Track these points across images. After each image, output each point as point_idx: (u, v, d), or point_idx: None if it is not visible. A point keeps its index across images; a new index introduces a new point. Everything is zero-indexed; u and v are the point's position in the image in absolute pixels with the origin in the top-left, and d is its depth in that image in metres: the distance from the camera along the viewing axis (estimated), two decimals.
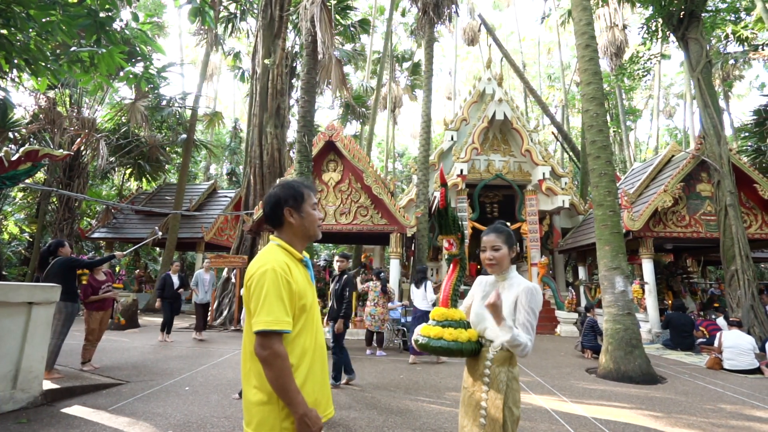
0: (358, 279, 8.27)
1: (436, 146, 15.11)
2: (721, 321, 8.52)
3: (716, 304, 10.70)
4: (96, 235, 15.50)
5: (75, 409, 3.77)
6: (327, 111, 30.76)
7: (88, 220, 18.33)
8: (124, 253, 5.87)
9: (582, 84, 7.22)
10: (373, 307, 7.28)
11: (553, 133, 19.58)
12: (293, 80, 15.91)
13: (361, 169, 10.37)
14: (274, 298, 1.31)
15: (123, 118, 14.85)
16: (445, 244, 1.95)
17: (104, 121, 15.54)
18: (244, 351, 1.44)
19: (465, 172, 11.96)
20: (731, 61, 21.77)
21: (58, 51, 3.96)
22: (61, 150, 10.36)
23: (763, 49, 19.73)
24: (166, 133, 17.22)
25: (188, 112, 16.14)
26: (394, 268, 10.37)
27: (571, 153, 17.11)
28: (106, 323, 5.51)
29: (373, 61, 25.74)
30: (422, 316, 6.41)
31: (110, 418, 3.56)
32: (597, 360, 6.63)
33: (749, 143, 13.87)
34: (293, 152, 22.50)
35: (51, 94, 12.31)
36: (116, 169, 17.65)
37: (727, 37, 16.59)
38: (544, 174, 12.07)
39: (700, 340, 8.38)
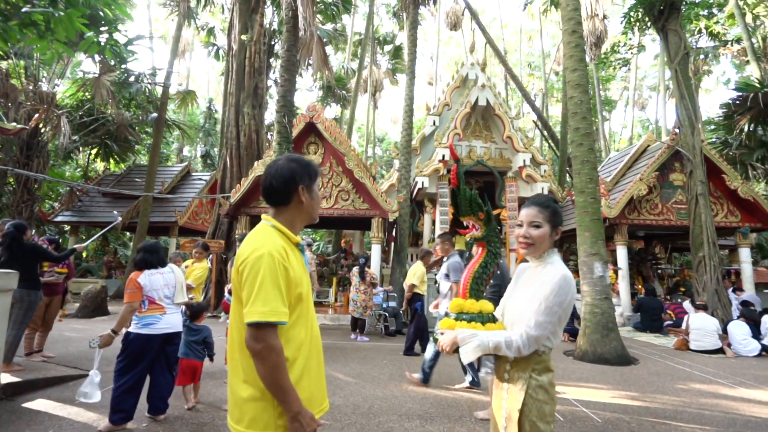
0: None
1: (418, 131, 14.97)
2: (687, 305, 8.92)
3: (682, 289, 11.21)
4: (60, 218, 14.65)
5: (38, 404, 3.52)
6: (306, 93, 29.90)
7: (51, 202, 17.29)
8: (85, 245, 5.49)
9: (567, 70, 7.21)
10: (356, 293, 7.20)
11: (534, 121, 19.77)
12: (271, 59, 15.30)
13: (342, 152, 10.13)
14: (270, 286, 1.18)
15: (87, 94, 13.89)
16: (467, 226, 1.74)
17: (65, 96, 14.52)
18: (231, 342, 1.31)
19: (447, 158, 11.91)
20: (701, 56, 22.48)
21: (7, 11, 3.53)
22: (14, 123, 9.60)
23: (731, 45, 20.43)
24: (135, 112, 16.28)
25: (159, 90, 15.28)
26: (376, 253, 10.29)
27: (550, 141, 17.35)
28: (54, 310, 5.19)
29: (354, 43, 25.10)
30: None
31: (78, 412, 3.34)
32: (574, 343, 6.81)
33: (714, 136, 14.42)
34: (271, 134, 21.86)
35: (3, 65, 11.33)
36: (80, 148, 16.60)
37: (700, 31, 17.04)
38: (524, 161, 12.16)
39: (668, 322, 8.76)
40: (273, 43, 14.87)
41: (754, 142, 11.83)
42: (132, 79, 13.87)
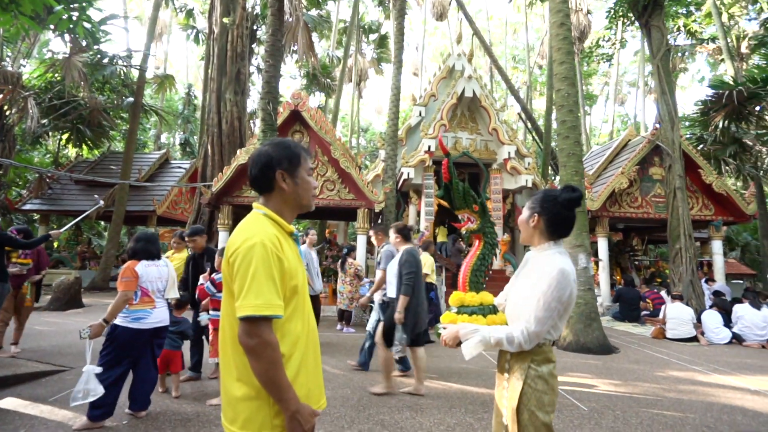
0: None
1: (403, 122, 14.86)
2: (663, 294, 9.24)
3: (658, 279, 11.60)
4: (28, 206, 13.96)
5: (8, 402, 3.32)
6: (289, 81, 29.24)
7: (18, 190, 16.45)
8: (61, 230, 5.20)
9: (555, 63, 7.22)
10: (342, 284, 7.14)
11: (518, 113, 19.92)
12: (254, 45, 14.84)
13: (328, 141, 9.94)
14: (263, 278, 1.11)
15: (57, 75, 13.16)
16: (462, 220, 1.73)
17: (32, 77, 13.71)
18: (223, 338, 1.23)
19: (433, 149, 11.88)
20: (678, 54, 23.07)
21: None
22: None
23: (707, 44, 20.99)
24: (110, 96, 15.54)
25: (135, 73, 14.61)
26: (361, 244, 10.22)
27: (534, 133, 17.53)
28: (20, 303, 4.93)
29: (339, 31, 24.62)
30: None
31: (51, 411, 3.17)
32: None
33: (690, 132, 14.87)
34: (254, 122, 21.34)
35: None
36: (50, 133, 15.77)
37: (678, 29, 17.43)
38: (509, 153, 12.24)
39: (644, 312, 9.06)
40: (255, 27, 14.40)
41: (727, 139, 12.22)
42: (106, 61, 13.19)
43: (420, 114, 13.35)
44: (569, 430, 3.16)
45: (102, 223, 19.75)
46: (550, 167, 15.26)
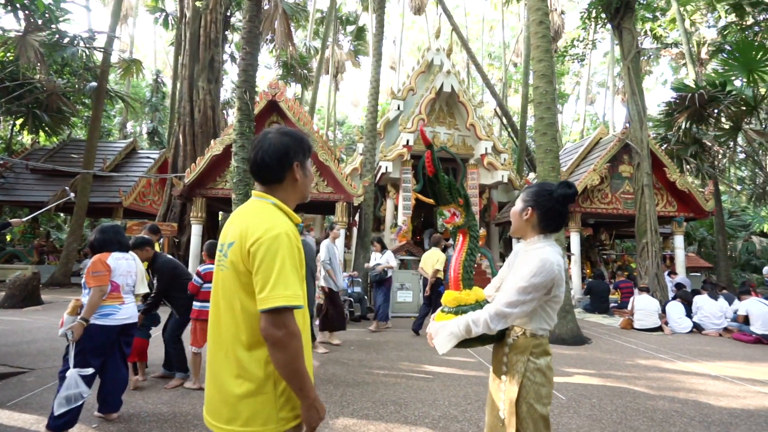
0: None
1: (381, 115, 14.77)
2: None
3: (626, 273, 12.13)
4: None
5: None
6: (263, 71, 28.42)
7: None
8: (23, 219, 4.83)
9: (533, 60, 7.32)
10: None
11: (494, 109, 20.22)
12: (227, 32, 14.29)
13: (306, 132, 9.73)
14: (290, 269, 1.11)
15: (9, 54, 12.22)
16: (446, 216, 1.68)
17: None
18: (218, 335, 1.19)
19: (411, 143, 11.88)
20: (643, 57, 24.08)
21: None
22: None
23: (671, 48, 21.98)
24: (70, 79, 14.59)
25: (98, 57, 13.77)
26: (340, 238, 10.11)
27: (509, 130, 17.85)
28: None
29: (316, 21, 24.10)
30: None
31: (11, 416, 2.95)
32: None
33: (654, 132, 15.57)
34: (226, 111, 20.58)
35: None
36: (2, 117, 14.68)
37: (645, 33, 18.16)
38: (486, 149, 12.42)
39: (613, 304, 9.46)
40: (229, 13, 13.86)
41: (689, 139, 12.87)
42: (66, 41, 12.33)
43: (398, 108, 13.31)
44: (550, 419, 3.23)
45: (62, 215, 18.66)
46: (525, 164, 15.60)
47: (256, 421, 1.12)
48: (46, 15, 11.16)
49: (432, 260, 6.47)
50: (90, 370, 2.62)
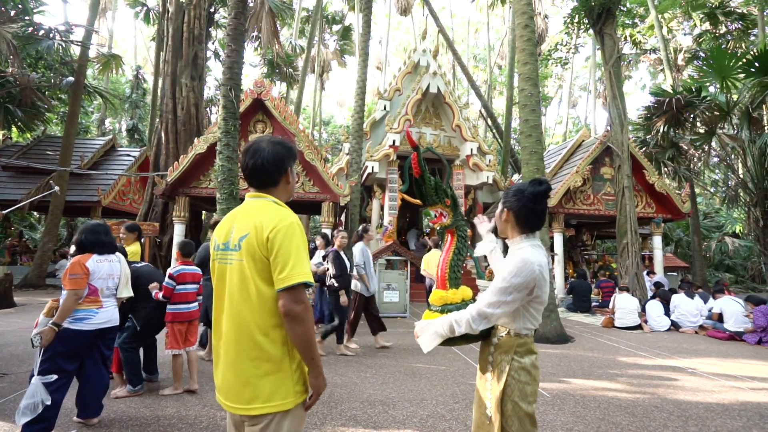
0: None
1: (367, 115, 14.76)
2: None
3: (607, 273, 12.43)
4: None
5: None
6: (248, 69, 28.01)
7: None
8: (2, 212, 4.62)
9: (519, 63, 7.43)
10: None
11: (480, 111, 20.44)
12: (210, 29, 14.05)
13: (292, 132, 9.65)
14: (303, 251, 1.28)
15: None
16: (432, 216, 1.72)
17: None
18: (238, 323, 1.28)
19: (398, 143, 11.92)
20: (623, 62, 24.76)
21: None
22: None
23: (650, 54, 22.64)
24: (45, 73, 14.08)
25: (76, 51, 13.34)
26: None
27: (494, 131, 18.07)
28: None
29: (302, 20, 23.93)
30: None
31: None
32: None
33: (633, 135, 16.01)
34: (210, 109, 20.22)
35: None
36: None
37: (625, 39, 18.65)
38: (472, 150, 12.55)
39: (594, 303, 9.67)
40: (213, 10, 13.63)
41: (666, 143, 13.28)
42: (41, 34, 11.90)
43: (385, 108, 13.32)
44: (535, 416, 3.28)
45: (35, 213, 18.02)
46: (510, 165, 15.81)
47: (277, 396, 1.25)
48: (20, 6, 10.77)
49: (435, 261, 6.48)
50: (53, 377, 2.49)
